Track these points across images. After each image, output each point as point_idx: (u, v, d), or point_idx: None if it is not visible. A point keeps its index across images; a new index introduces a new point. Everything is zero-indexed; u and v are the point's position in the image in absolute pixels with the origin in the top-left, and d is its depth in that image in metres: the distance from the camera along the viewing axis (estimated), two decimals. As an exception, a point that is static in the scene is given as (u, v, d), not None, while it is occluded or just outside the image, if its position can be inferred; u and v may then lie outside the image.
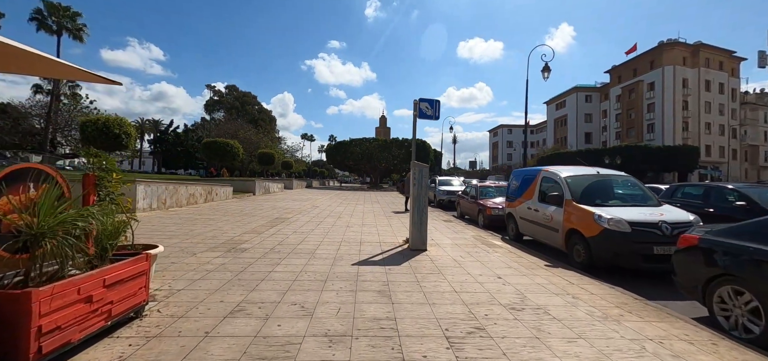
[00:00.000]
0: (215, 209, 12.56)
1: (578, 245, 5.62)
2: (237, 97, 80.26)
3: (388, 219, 11.36)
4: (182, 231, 7.73)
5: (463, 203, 12.38)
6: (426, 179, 6.60)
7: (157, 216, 10.05)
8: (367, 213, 13.06)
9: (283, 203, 16.76)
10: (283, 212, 12.38)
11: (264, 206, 14.77)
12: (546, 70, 24.09)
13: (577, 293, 4.17)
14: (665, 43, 58.03)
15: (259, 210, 12.87)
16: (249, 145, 47.40)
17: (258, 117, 76.37)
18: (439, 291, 4.10)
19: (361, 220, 10.96)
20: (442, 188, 17.34)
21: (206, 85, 46.42)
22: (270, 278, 4.41)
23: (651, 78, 59.62)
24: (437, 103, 7.60)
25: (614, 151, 40.24)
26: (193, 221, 9.33)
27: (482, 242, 7.65)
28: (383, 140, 42.89)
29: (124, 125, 14.18)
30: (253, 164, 48.51)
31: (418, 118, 7.58)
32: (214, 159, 24.69)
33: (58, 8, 30.19)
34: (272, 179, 34.15)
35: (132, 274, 2.98)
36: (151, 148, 64.02)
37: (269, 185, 25.39)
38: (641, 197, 6.01)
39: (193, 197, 14.15)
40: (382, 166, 46.55)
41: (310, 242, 6.96)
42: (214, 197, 16.15)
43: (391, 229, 9.24)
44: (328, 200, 20.12)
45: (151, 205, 11.31)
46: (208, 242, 6.68)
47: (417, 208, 6.51)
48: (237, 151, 25.16)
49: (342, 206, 16.16)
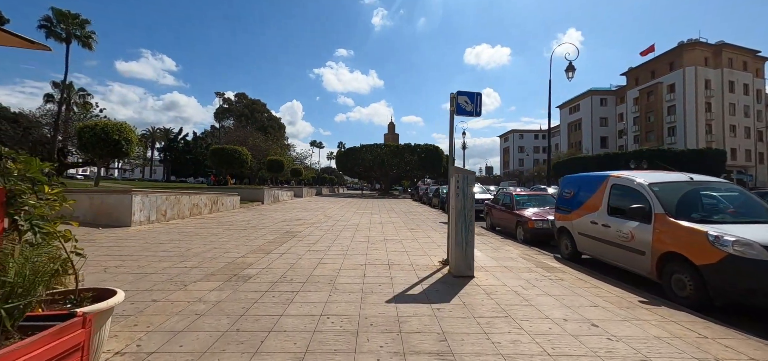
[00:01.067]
0: (220, 222, 11.45)
1: (681, 275, 4.28)
2: (246, 104, 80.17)
3: (412, 232, 10.09)
4: (177, 250, 6.58)
5: (495, 213, 11.05)
6: (471, 189, 5.34)
7: (154, 231, 8.95)
8: (387, 224, 11.82)
9: (294, 212, 15.62)
10: (293, 224, 11.21)
11: (273, 216, 13.63)
12: (570, 70, 22.71)
13: (724, 356, 2.85)
14: (685, 43, 55.97)
15: (268, 222, 11.72)
16: (258, 153, 46.71)
17: (267, 124, 76.06)
18: (523, 353, 2.82)
19: (381, 233, 9.71)
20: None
21: (216, 92, 46.16)
22: (280, 329, 3.18)
23: (671, 79, 57.53)
24: (478, 96, 6.36)
25: (639, 155, 38.37)
26: (193, 237, 8.19)
27: (536, 263, 6.33)
28: (395, 146, 41.70)
29: (124, 131, 13.22)
30: (262, 172, 47.78)
31: (455, 115, 6.35)
32: (222, 166, 23.77)
33: (66, 16, 29.87)
34: (281, 187, 33.17)
35: (55, 355, 1.78)
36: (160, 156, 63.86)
37: (278, 194, 24.33)
38: (758, 210, 4.64)
39: (197, 207, 13.08)
40: (393, 173, 45.36)
41: (329, 265, 5.73)
42: (220, 207, 15.08)
43: (418, 244, 7.97)
44: (340, 208, 18.94)
45: (150, 217, 10.23)
46: (206, 265, 5.50)
47: (461, 224, 5.25)
48: (245, 157, 24.20)
49: (357, 215, 14.95)
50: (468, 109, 6.32)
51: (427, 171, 44.12)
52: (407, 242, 8.37)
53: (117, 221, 9.41)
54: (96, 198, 9.62)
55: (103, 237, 7.77)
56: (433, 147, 42.35)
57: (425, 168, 42.63)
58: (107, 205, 9.53)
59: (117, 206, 9.48)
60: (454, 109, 6.30)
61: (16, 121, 38.38)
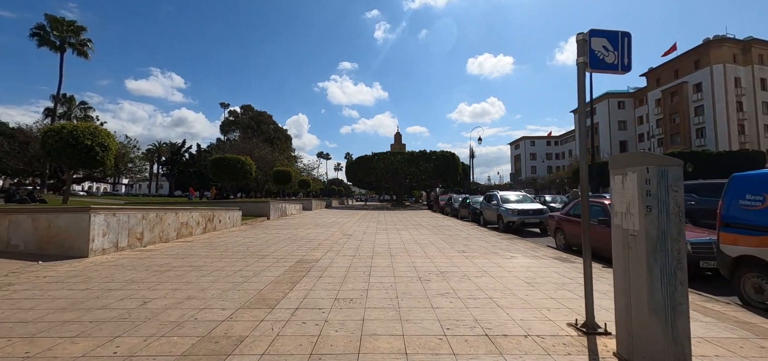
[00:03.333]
0: (212, 246, 8.91)
1: None
2: (252, 117, 78.65)
3: (469, 258, 7.43)
4: (125, 306, 4.02)
5: (573, 229, 8.33)
6: (679, 195, 2.68)
7: (116, 263, 6.42)
8: (426, 245, 9.17)
9: (305, 230, 13.04)
10: (306, 248, 8.62)
11: (280, 236, 11.07)
12: (614, 61, 20.03)
13: None
14: (712, 40, 53.01)
15: (273, 244, 9.15)
16: (264, 165, 44.55)
17: (274, 136, 74.30)
18: None
19: (428, 260, 7.08)
20: (513, 206, 13.22)
21: (220, 103, 44.08)
22: None
23: (697, 79, 54.44)
24: (625, 38, 3.76)
25: (683, 157, 35.25)
26: (164, 275, 5.63)
27: (735, 322, 3.65)
28: (410, 153, 39.15)
29: (98, 136, 10.83)
30: (268, 184, 45.51)
31: (588, 70, 3.75)
32: (224, 178, 21.40)
33: (61, 23, 28.12)
34: (289, 200, 30.74)
35: None
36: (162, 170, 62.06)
37: (286, 207, 21.83)
38: None
39: (187, 226, 10.58)
40: (406, 183, 42.76)
41: (381, 338, 3.12)
42: (217, 225, 12.57)
43: (498, 283, 5.32)
44: (357, 223, 16.33)
45: (118, 243, 7.73)
46: (155, 347, 2.93)
47: (658, 268, 2.60)
48: (249, 168, 21.80)
49: (381, 232, 12.33)
50: (609, 61, 3.72)
51: (442, 180, 41.41)
52: (476, 276, 5.72)
53: (70, 249, 6.92)
54: (42, 220, 7.15)
55: (32, 276, 5.26)
56: (449, 154, 39.68)
57: (441, 176, 39.94)
58: (57, 228, 7.04)
59: (70, 229, 6.99)
60: (585, 60, 3.70)
61: (12, 137, 36.74)
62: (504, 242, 9.64)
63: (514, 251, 8.20)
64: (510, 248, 8.53)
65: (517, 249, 8.49)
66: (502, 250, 8.31)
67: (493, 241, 9.95)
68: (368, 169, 41.09)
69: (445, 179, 41.63)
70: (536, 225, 12.59)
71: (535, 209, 12.73)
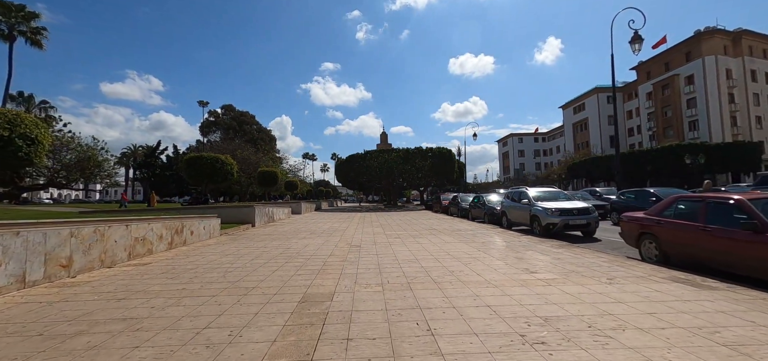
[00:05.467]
0: (174, 272, 6.35)
1: None
2: (234, 117, 75.01)
3: (554, 285, 5.13)
4: None
5: (678, 236, 6.01)
6: None
7: (2, 314, 3.84)
8: (471, 261, 6.83)
9: (300, 240, 10.53)
10: (308, 272, 6.17)
11: (269, 250, 8.55)
12: (636, 41, 18.27)
13: None
14: (703, 31, 52.67)
15: (262, 266, 6.66)
16: (248, 166, 41.56)
17: (257, 136, 70.93)
18: None
19: (503, 294, 4.72)
20: (551, 205, 10.96)
21: (198, 101, 40.67)
22: None
23: (689, 71, 54.05)
24: None
25: (694, 149, 34.02)
26: (61, 346, 3.10)
27: None
28: (405, 150, 36.79)
29: (21, 125, 8.07)
30: (252, 187, 42.50)
31: None
32: (201, 180, 18.59)
33: (8, 7, 24.61)
34: (276, 203, 28.01)
35: None
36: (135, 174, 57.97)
37: (274, 212, 19.18)
38: None
39: (144, 242, 7.95)
40: (400, 182, 40.42)
41: None
42: (188, 238, 9.94)
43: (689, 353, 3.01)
44: (360, 228, 13.90)
45: (26, 276, 5.12)
46: None
47: None
48: (230, 168, 19.07)
49: (396, 240, 9.93)
50: None
51: (438, 178, 39.22)
52: (613, 328, 3.40)
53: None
54: None
55: None
56: (445, 151, 37.48)
57: (437, 175, 37.72)
58: None
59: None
60: None
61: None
62: (570, 254, 7.41)
63: (603, 269, 5.94)
64: (592, 265, 6.27)
65: (604, 265, 6.26)
66: (585, 268, 6.04)
67: (555, 253, 7.69)
68: (360, 168, 38.54)
69: (441, 178, 39.48)
70: (582, 228, 10.43)
71: (579, 208, 10.53)
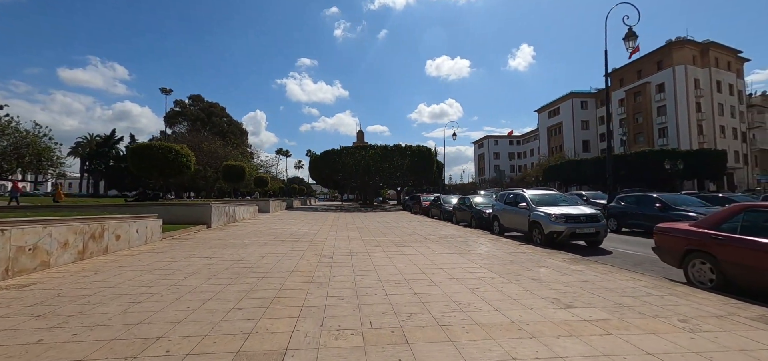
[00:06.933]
0: (57, 300, 4.33)
1: None
2: (202, 108, 70.78)
3: (614, 336, 3.58)
4: None
5: (763, 258, 4.56)
6: None
7: None
8: (482, 286, 5.22)
9: (259, 248, 8.59)
10: (256, 302, 4.32)
11: (213, 264, 6.60)
12: (630, 38, 17.40)
13: None
14: (674, 41, 54.14)
15: (188, 295, 4.74)
16: (215, 160, 38.63)
17: (227, 130, 67.23)
18: None
19: (546, 349, 3.10)
20: (555, 210, 9.52)
21: (161, 88, 37.41)
22: None
23: (660, 79, 55.45)
24: None
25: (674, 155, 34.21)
26: None
27: None
28: (383, 148, 35.03)
29: None
30: (220, 182, 39.55)
31: None
32: (149, 173, 16.12)
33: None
34: (242, 201, 25.60)
35: None
36: (87, 166, 53.17)
37: (236, 210, 16.98)
38: None
39: (36, 253, 5.82)
40: (377, 180, 38.70)
41: None
42: (111, 245, 7.79)
43: None
44: (333, 232, 12.07)
45: None
46: None
47: None
48: (186, 160, 16.68)
49: (375, 249, 8.19)
50: None
51: (417, 177, 37.78)
52: None
53: None
54: None
55: None
56: (425, 149, 36.05)
57: (416, 174, 36.26)
58: None
59: None
60: None
61: None
62: (595, 274, 5.94)
63: (659, 301, 4.47)
64: (637, 293, 4.80)
65: (654, 294, 4.80)
66: (634, 300, 4.54)
67: (575, 271, 6.20)
68: (335, 165, 36.47)
69: (420, 177, 38.08)
70: (590, 237, 9.07)
71: (587, 214, 9.17)
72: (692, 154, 41.98)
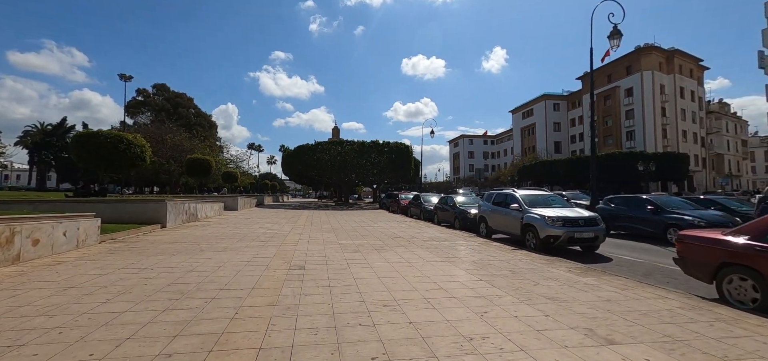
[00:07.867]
0: None
1: None
2: (167, 98, 66.53)
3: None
4: None
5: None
6: None
7: None
8: (488, 304, 4.25)
9: (216, 255, 7.26)
10: (195, 341, 3.12)
11: (152, 280, 5.28)
12: (615, 37, 17.11)
13: None
14: (642, 47, 56.08)
15: (96, 333, 3.46)
16: (180, 153, 36.04)
17: (195, 122, 63.64)
18: None
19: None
20: (550, 212, 8.69)
21: (120, 75, 34.39)
22: None
23: (628, 83, 57.32)
24: None
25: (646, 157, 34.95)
26: None
27: None
28: (360, 143, 33.81)
29: None
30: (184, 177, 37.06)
31: None
32: (96, 164, 14.19)
33: None
34: (209, 196, 23.73)
35: None
36: (29, 156, 48.67)
37: (198, 207, 15.34)
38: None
39: None
40: (352, 178, 37.49)
41: None
42: (26, 252, 6.26)
43: None
44: (305, 234, 10.84)
45: None
46: None
47: None
48: (140, 152, 14.87)
49: (354, 256, 7.09)
50: None
51: (394, 175, 36.85)
52: None
53: None
54: None
55: None
56: (403, 146, 35.16)
57: (394, 171, 35.31)
58: None
59: None
60: None
61: None
62: (613, 290, 5.14)
63: (706, 329, 3.67)
64: (675, 316, 3.97)
65: (701, 321, 3.99)
66: (678, 328, 3.69)
67: (589, 285, 5.36)
68: (310, 161, 34.90)
69: (397, 175, 37.17)
70: (587, 242, 8.35)
71: (586, 217, 8.45)
72: (659, 157, 43.45)
